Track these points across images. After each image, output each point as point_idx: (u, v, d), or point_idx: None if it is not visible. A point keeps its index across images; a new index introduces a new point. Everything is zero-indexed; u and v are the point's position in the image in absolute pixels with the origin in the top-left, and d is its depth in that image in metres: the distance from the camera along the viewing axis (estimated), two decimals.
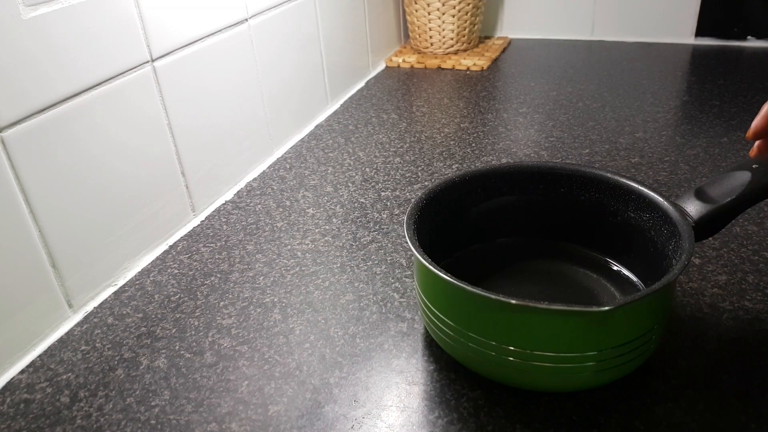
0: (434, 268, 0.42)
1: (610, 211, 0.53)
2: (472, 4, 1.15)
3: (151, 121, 0.64)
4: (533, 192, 0.55)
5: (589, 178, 0.53)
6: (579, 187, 0.54)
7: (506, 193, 0.56)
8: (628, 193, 0.51)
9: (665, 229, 0.47)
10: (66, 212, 0.56)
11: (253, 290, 0.59)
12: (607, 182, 0.52)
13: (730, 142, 0.79)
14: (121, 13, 0.58)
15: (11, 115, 0.50)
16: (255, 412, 0.45)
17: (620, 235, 0.53)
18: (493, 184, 0.55)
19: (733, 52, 1.12)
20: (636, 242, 0.51)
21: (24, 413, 0.47)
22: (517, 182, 0.55)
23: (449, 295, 0.44)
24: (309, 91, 0.94)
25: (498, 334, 0.41)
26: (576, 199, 0.54)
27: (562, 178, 0.54)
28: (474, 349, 0.43)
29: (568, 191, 0.54)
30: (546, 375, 0.42)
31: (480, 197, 0.55)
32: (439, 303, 0.45)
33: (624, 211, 0.52)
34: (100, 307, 0.58)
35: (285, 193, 0.75)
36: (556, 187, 0.55)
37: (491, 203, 0.56)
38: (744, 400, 0.44)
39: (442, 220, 0.53)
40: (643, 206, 0.50)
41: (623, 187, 0.51)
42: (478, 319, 0.42)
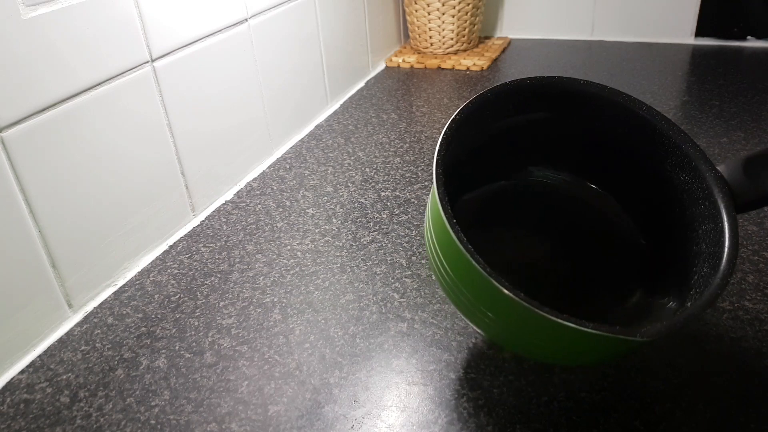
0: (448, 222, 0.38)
1: (644, 155, 0.47)
2: (472, 4, 1.15)
3: (151, 121, 0.64)
4: (568, 113, 0.49)
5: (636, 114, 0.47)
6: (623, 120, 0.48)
7: (544, 109, 0.49)
8: (673, 147, 0.45)
9: (702, 205, 0.42)
10: (66, 212, 0.56)
11: (253, 290, 0.59)
12: (654, 127, 0.46)
13: (730, 142, 0.79)
14: (121, 13, 0.58)
15: (11, 115, 0.50)
16: (255, 412, 0.45)
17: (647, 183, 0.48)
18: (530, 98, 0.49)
19: (733, 52, 1.12)
20: (662, 196, 0.46)
21: (24, 413, 0.47)
22: (557, 100, 0.49)
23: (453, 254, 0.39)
24: (309, 91, 0.94)
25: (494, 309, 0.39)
26: (614, 132, 0.48)
27: (609, 106, 0.48)
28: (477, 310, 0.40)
29: (611, 121, 0.48)
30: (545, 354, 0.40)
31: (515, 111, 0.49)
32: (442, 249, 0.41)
33: (661, 162, 0.46)
34: (100, 307, 0.58)
35: (285, 193, 0.75)
36: (599, 114, 0.49)
37: (522, 118, 0.49)
38: (744, 400, 0.44)
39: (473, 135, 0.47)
40: (684, 166, 0.44)
41: (670, 137, 0.45)
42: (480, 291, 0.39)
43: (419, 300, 0.56)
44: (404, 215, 0.69)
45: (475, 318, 0.41)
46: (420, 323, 0.53)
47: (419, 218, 0.68)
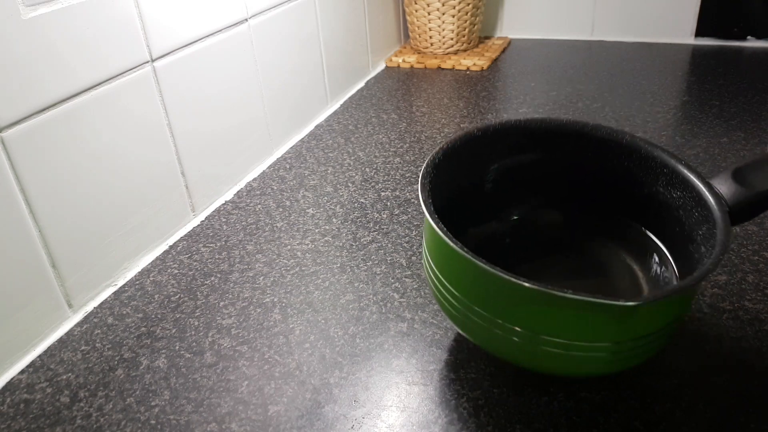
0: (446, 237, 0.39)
1: (637, 182, 0.49)
2: (472, 4, 1.15)
3: (151, 121, 0.64)
4: (558, 152, 0.51)
5: (620, 143, 0.49)
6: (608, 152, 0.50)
7: (528, 151, 0.52)
8: (661, 167, 0.47)
9: (697, 213, 0.43)
10: (66, 212, 0.56)
11: (253, 290, 0.59)
12: (639, 151, 0.48)
13: (730, 142, 0.79)
14: (121, 13, 0.58)
15: (11, 115, 0.50)
16: (255, 412, 0.45)
17: (644, 209, 0.49)
18: (515, 141, 0.51)
19: (733, 52, 1.12)
20: (661, 219, 0.48)
21: (24, 413, 0.47)
22: (541, 140, 0.51)
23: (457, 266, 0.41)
24: (309, 91, 0.94)
25: (506, 315, 0.39)
26: (603, 165, 0.50)
27: (592, 141, 0.50)
28: (481, 326, 0.41)
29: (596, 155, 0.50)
30: (556, 361, 0.40)
31: (499, 154, 0.51)
32: (446, 272, 0.42)
33: (653, 184, 0.48)
34: (100, 308, 0.58)
35: (285, 193, 0.75)
36: (584, 149, 0.51)
37: (510, 161, 0.52)
38: (744, 400, 0.44)
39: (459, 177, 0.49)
40: (674, 183, 0.46)
41: (656, 159, 0.47)
42: (488, 296, 0.40)
43: (419, 300, 0.56)
44: (404, 215, 0.69)
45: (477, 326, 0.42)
46: (420, 323, 0.53)
47: (419, 218, 0.68)
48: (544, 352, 0.39)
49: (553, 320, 0.38)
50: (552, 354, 0.39)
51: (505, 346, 0.41)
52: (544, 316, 0.38)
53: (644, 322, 0.38)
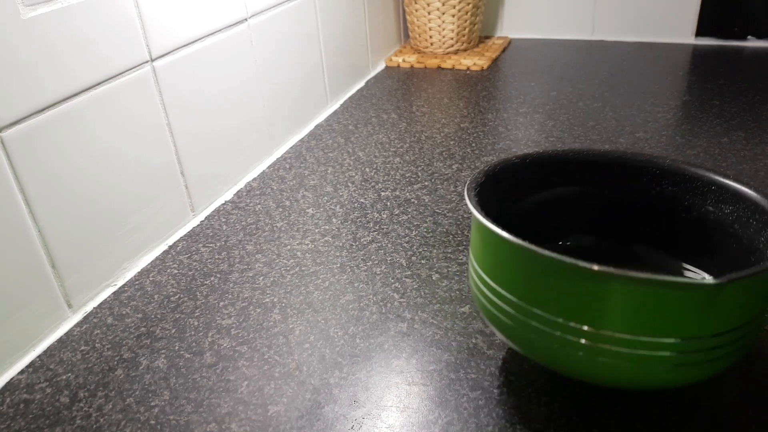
0: (501, 231, 0.38)
1: (685, 206, 0.48)
2: (472, 4, 1.15)
3: (151, 120, 0.64)
4: (598, 184, 0.51)
5: (662, 169, 0.48)
6: (650, 179, 0.49)
7: (567, 183, 0.51)
8: (708, 185, 0.46)
9: (754, 221, 0.43)
10: (65, 212, 0.55)
11: (253, 290, 0.59)
12: (683, 174, 0.48)
13: (731, 142, 0.79)
14: (120, 13, 0.58)
15: (11, 115, 0.50)
16: (255, 413, 0.45)
17: (695, 232, 0.48)
18: (553, 171, 0.50)
19: (733, 52, 1.12)
20: (715, 240, 0.47)
21: (24, 413, 0.47)
22: (579, 171, 0.50)
23: (515, 262, 0.39)
24: (309, 91, 0.94)
25: (568, 310, 0.37)
26: (646, 193, 0.50)
27: (633, 169, 0.49)
28: (538, 330, 0.39)
29: (638, 184, 0.50)
30: (618, 364, 0.37)
31: (537, 185, 0.50)
32: (500, 273, 0.40)
33: (702, 205, 0.47)
34: (99, 308, 0.58)
35: (285, 193, 0.75)
36: (624, 179, 0.50)
37: (549, 193, 0.51)
38: (744, 400, 0.44)
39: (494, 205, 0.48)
40: (725, 198, 0.45)
41: (702, 178, 0.47)
42: (548, 291, 0.37)
43: (419, 300, 0.56)
44: (404, 215, 0.69)
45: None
46: (420, 323, 0.53)
47: (419, 218, 0.68)
48: (606, 353, 0.37)
49: (619, 312, 0.35)
50: (616, 355, 0.37)
51: (566, 351, 0.38)
52: (611, 309, 0.36)
53: (723, 313, 0.35)
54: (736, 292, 0.35)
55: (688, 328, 0.35)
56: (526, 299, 0.39)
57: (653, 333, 0.35)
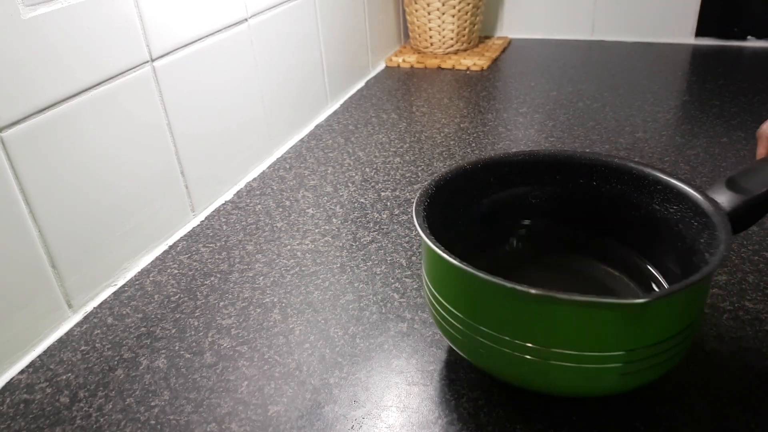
0: (445, 253, 0.39)
1: (633, 204, 0.50)
2: (472, 4, 1.15)
3: (151, 121, 0.64)
4: (549, 183, 0.52)
5: (611, 168, 0.50)
6: (599, 177, 0.51)
7: (520, 184, 0.53)
8: (654, 184, 0.48)
9: (696, 222, 0.44)
10: (66, 212, 0.56)
11: (253, 290, 0.59)
12: (630, 172, 0.49)
13: (731, 142, 0.79)
14: (120, 13, 0.58)
15: (11, 115, 0.50)
16: (255, 413, 0.45)
17: (644, 229, 0.49)
18: (507, 173, 0.52)
19: (733, 52, 1.12)
20: (662, 237, 0.48)
21: (24, 413, 0.47)
22: (531, 172, 0.52)
23: (459, 283, 0.40)
24: (309, 91, 0.94)
25: (513, 329, 0.38)
26: (596, 191, 0.51)
27: (581, 168, 0.51)
28: (486, 346, 0.40)
29: (587, 182, 0.51)
30: (567, 377, 0.39)
31: (492, 187, 0.52)
32: (447, 292, 0.42)
33: (648, 203, 0.48)
34: (99, 308, 0.58)
35: (285, 193, 0.75)
36: (575, 177, 0.52)
37: (504, 194, 0.53)
38: (744, 401, 0.44)
39: (451, 210, 0.50)
40: (670, 198, 0.47)
41: (648, 177, 0.48)
42: (492, 311, 0.39)
43: (419, 300, 0.56)
44: (404, 215, 0.69)
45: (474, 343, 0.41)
46: (420, 323, 0.53)
47: None
48: (555, 368, 0.38)
49: (562, 331, 0.37)
50: (564, 369, 0.38)
51: (515, 366, 0.40)
52: (554, 328, 0.37)
53: (657, 325, 0.37)
54: (665, 307, 0.37)
55: (626, 341, 0.37)
56: (473, 317, 0.40)
57: (596, 348, 0.37)
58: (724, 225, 0.41)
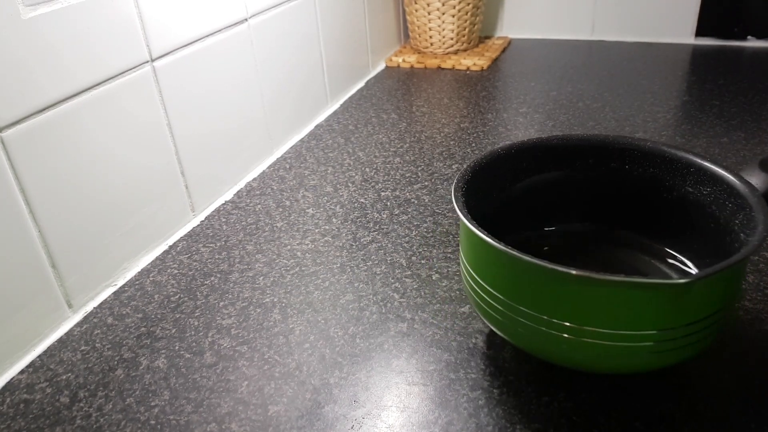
0: (487, 236, 0.40)
1: (666, 187, 0.50)
2: (472, 4, 1.15)
3: (151, 121, 0.64)
4: (581, 167, 0.53)
5: (643, 151, 0.50)
6: (632, 161, 0.51)
7: (552, 168, 0.53)
8: (687, 167, 0.48)
9: (730, 203, 0.44)
10: (66, 212, 0.55)
11: (253, 290, 0.59)
12: (663, 155, 0.50)
13: (731, 142, 0.79)
14: (120, 13, 0.58)
15: (11, 115, 0.50)
16: (255, 413, 0.45)
17: (676, 213, 0.50)
18: (539, 157, 0.53)
19: (733, 52, 1.12)
20: (694, 220, 0.48)
21: (24, 413, 0.47)
22: (564, 156, 0.53)
23: (500, 265, 0.41)
24: (309, 91, 0.94)
25: (551, 308, 0.39)
26: (628, 175, 0.52)
27: (614, 152, 0.52)
28: (523, 324, 0.41)
29: (620, 166, 0.52)
30: (601, 354, 0.40)
31: (526, 172, 0.53)
32: (487, 273, 0.42)
33: (681, 186, 0.49)
34: (99, 308, 0.58)
35: (285, 193, 0.75)
36: (607, 161, 0.52)
37: (537, 179, 0.53)
38: (744, 401, 0.44)
39: (486, 195, 0.50)
40: (703, 180, 0.47)
41: (681, 160, 0.49)
42: (531, 291, 0.40)
43: (419, 300, 0.56)
44: (404, 215, 0.69)
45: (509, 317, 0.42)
46: (420, 323, 0.53)
47: (419, 218, 0.68)
48: (590, 346, 0.39)
49: (599, 311, 0.38)
50: (598, 347, 0.39)
51: (552, 344, 0.41)
52: (591, 308, 0.38)
53: (695, 305, 0.37)
54: (703, 287, 0.37)
55: (663, 321, 0.38)
56: (512, 298, 0.41)
57: (631, 327, 0.38)
58: (761, 206, 0.41)
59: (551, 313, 0.39)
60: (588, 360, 0.41)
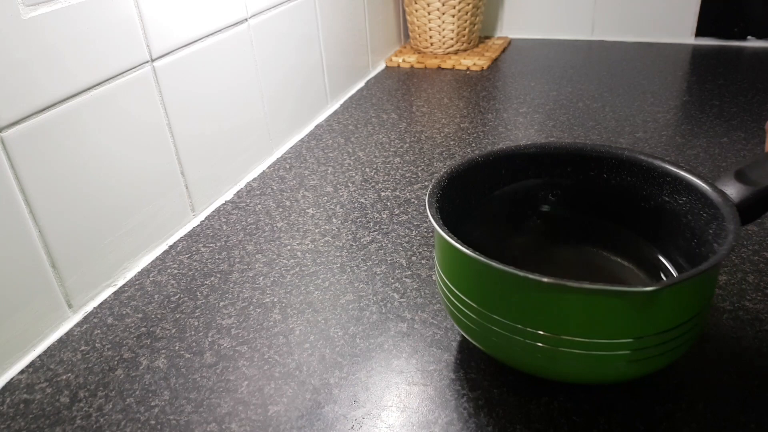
0: (457, 243, 0.40)
1: (643, 196, 0.50)
2: (472, 4, 1.15)
3: (151, 121, 0.64)
4: (559, 175, 0.53)
5: (620, 160, 0.51)
6: (609, 169, 0.51)
7: (531, 176, 0.53)
8: (663, 176, 0.48)
9: (705, 213, 0.45)
10: (66, 212, 0.56)
11: (253, 290, 0.59)
12: (639, 164, 0.50)
13: (731, 142, 0.79)
14: (120, 13, 0.58)
15: (11, 115, 0.50)
16: (255, 413, 0.45)
17: (653, 221, 0.50)
18: (518, 165, 0.53)
19: (733, 52, 1.12)
20: (671, 228, 0.49)
21: (24, 413, 0.47)
22: (542, 164, 0.53)
23: (472, 273, 0.41)
24: (309, 91, 0.94)
25: (525, 317, 0.39)
26: (606, 183, 0.52)
27: (592, 161, 0.52)
28: (499, 334, 0.41)
29: (598, 174, 0.52)
30: (577, 364, 0.39)
31: (503, 179, 0.53)
32: (460, 282, 0.42)
33: (658, 194, 0.49)
34: (99, 308, 0.58)
35: (285, 193, 0.75)
36: (585, 169, 0.52)
37: (515, 186, 0.53)
38: (744, 401, 0.44)
39: (463, 202, 0.50)
40: (679, 189, 0.47)
41: (657, 169, 0.49)
42: (504, 299, 0.40)
43: (419, 300, 0.56)
44: (404, 215, 0.69)
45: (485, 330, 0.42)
46: (420, 323, 0.53)
47: (419, 218, 0.68)
48: (566, 355, 0.39)
49: (573, 319, 0.38)
50: (574, 356, 0.39)
51: (528, 354, 0.40)
52: (564, 316, 0.38)
53: (665, 313, 0.38)
54: (672, 295, 0.37)
55: (636, 329, 0.38)
56: (485, 306, 0.41)
57: (605, 335, 0.38)
58: (732, 216, 0.41)
59: (525, 322, 0.39)
60: (565, 370, 0.40)
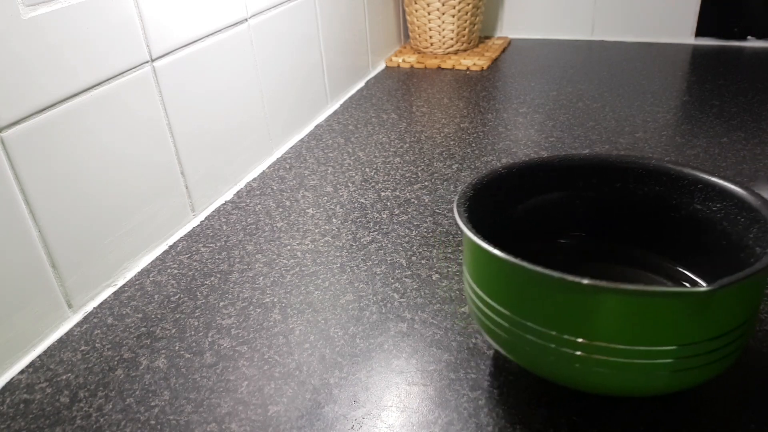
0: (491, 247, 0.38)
1: (673, 205, 0.48)
2: (472, 4, 1.15)
3: (151, 121, 0.64)
4: (584, 187, 0.51)
5: (647, 170, 0.49)
6: (636, 180, 0.49)
7: (554, 189, 0.51)
8: (694, 183, 0.47)
9: (742, 218, 0.43)
10: (66, 212, 0.56)
11: (253, 290, 0.59)
12: (668, 173, 0.48)
13: (731, 142, 0.79)
14: (120, 13, 0.58)
15: (11, 115, 0.50)
16: (255, 413, 0.45)
17: (685, 231, 0.48)
18: (540, 178, 0.51)
19: (733, 52, 1.12)
20: (704, 237, 0.47)
21: (24, 413, 0.47)
22: (566, 176, 0.51)
23: (506, 278, 0.39)
24: (309, 91, 0.94)
25: (562, 324, 0.37)
26: (633, 194, 0.50)
27: (617, 172, 0.50)
28: (533, 343, 0.38)
29: (624, 185, 0.50)
30: (617, 373, 0.37)
31: (526, 193, 0.51)
32: (491, 288, 0.40)
33: (689, 203, 0.47)
34: (99, 308, 0.58)
35: (285, 193, 0.75)
36: (610, 181, 0.50)
37: (538, 200, 0.52)
38: (744, 401, 0.44)
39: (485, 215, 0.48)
40: (712, 196, 0.46)
41: (687, 177, 0.47)
42: (540, 305, 0.37)
43: (419, 300, 0.56)
44: (404, 215, 0.69)
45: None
46: (420, 323, 0.53)
47: (419, 218, 0.68)
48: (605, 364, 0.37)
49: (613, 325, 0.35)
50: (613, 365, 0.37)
51: (563, 363, 0.38)
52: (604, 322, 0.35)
53: (716, 317, 0.35)
54: (727, 297, 0.35)
55: (684, 335, 0.35)
56: (519, 313, 0.39)
57: (649, 342, 0.35)
58: None
59: (561, 329, 0.37)
60: (602, 381, 0.38)
